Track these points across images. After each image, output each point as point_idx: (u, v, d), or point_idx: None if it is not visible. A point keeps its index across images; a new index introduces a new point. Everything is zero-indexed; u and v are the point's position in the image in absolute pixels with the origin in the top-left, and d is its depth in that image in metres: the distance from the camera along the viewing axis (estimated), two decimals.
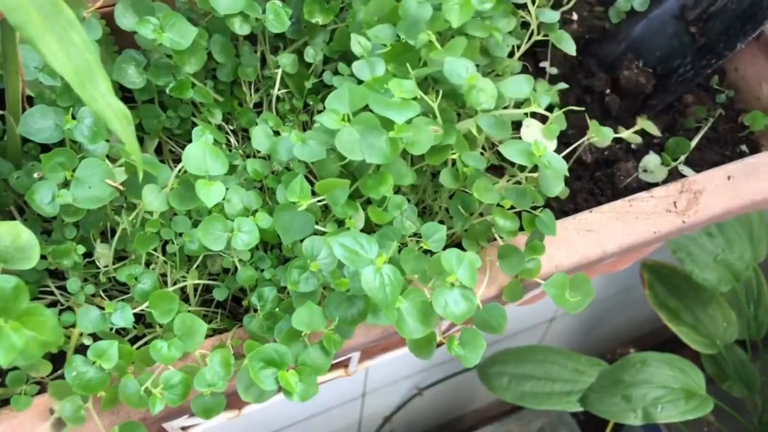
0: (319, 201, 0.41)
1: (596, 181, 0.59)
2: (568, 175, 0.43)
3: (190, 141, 0.51)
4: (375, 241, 0.37)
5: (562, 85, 0.47)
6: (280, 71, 0.51)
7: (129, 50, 0.48)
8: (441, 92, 0.45)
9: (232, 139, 0.52)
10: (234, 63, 0.52)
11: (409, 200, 0.48)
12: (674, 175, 0.59)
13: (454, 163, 0.46)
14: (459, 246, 0.47)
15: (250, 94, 0.53)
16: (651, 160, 0.60)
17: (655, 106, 0.62)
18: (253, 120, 0.52)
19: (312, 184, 0.47)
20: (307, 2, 0.51)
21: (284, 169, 0.47)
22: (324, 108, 0.46)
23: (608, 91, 0.62)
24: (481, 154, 0.48)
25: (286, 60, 0.51)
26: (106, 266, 0.45)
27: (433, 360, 0.45)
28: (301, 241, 0.40)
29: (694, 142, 0.59)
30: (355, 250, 0.36)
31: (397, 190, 0.47)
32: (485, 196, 0.43)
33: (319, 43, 0.52)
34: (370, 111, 0.41)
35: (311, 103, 0.53)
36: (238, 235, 0.40)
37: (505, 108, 0.46)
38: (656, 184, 0.58)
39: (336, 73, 0.51)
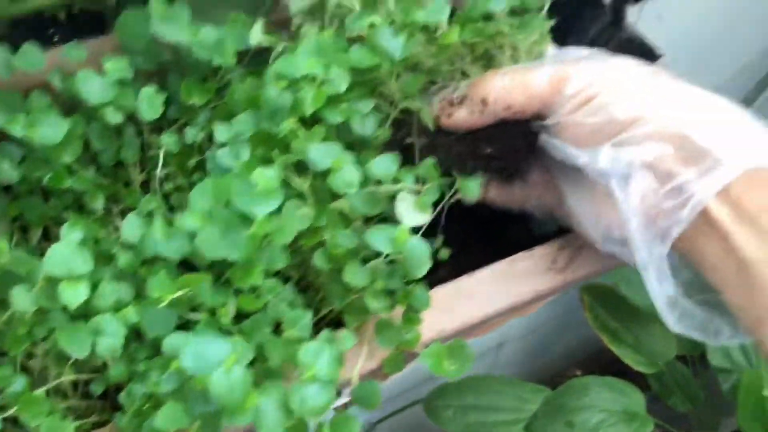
0: (186, 293, 0.42)
1: (489, 228, 0.60)
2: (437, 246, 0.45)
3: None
4: (229, 340, 0.37)
5: (429, 161, 0.48)
6: (162, 151, 0.52)
7: (4, 143, 0.48)
8: (313, 174, 0.46)
9: (119, 222, 0.52)
10: (116, 145, 0.52)
11: (290, 278, 0.49)
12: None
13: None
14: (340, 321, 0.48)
15: (136, 174, 0.54)
16: None
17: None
18: (138, 201, 0.52)
19: (189, 269, 0.48)
20: (184, 85, 0.52)
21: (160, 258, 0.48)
22: None
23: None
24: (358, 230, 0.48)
25: (167, 140, 0.52)
26: None
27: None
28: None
29: None
30: (204, 354, 0.36)
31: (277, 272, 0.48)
32: (355, 279, 0.44)
33: (200, 122, 0.53)
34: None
35: (196, 179, 0.54)
36: (102, 339, 0.41)
37: (377, 184, 0.47)
38: (547, 236, 0.60)
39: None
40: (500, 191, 0.55)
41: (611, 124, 0.44)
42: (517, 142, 0.51)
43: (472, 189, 0.48)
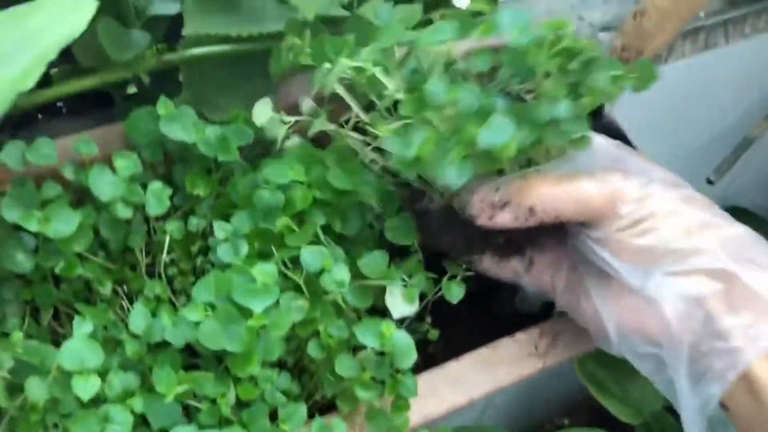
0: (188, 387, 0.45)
1: (476, 308, 0.63)
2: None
3: (86, 303, 0.54)
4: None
5: (418, 257, 0.52)
6: (167, 237, 0.55)
7: (19, 233, 0.51)
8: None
9: (126, 303, 0.56)
10: (123, 233, 0.55)
11: (285, 363, 0.52)
12: (549, 304, 0.63)
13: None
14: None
15: (142, 259, 0.57)
16: (525, 292, 0.64)
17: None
18: (143, 285, 0.55)
19: (193, 352, 0.51)
20: (189, 176, 0.55)
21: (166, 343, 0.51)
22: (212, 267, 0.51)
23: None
24: (353, 320, 0.52)
25: (172, 227, 0.55)
26: None
27: None
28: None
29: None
30: None
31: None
32: (345, 370, 0.47)
33: (203, 211, 0.56)
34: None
35: (199, 263, 0.57)
36: (111, 427, 0.44)
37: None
38: (533, 315, 0.63)
39: None
40: (495, 265, 0.55)
41: (661, 250, 0.46)
42: (540, 237, 0.52)
43: (455, 293, 0.52)
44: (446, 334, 0.61)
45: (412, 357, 0.47)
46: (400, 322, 0.51)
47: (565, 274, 0.53)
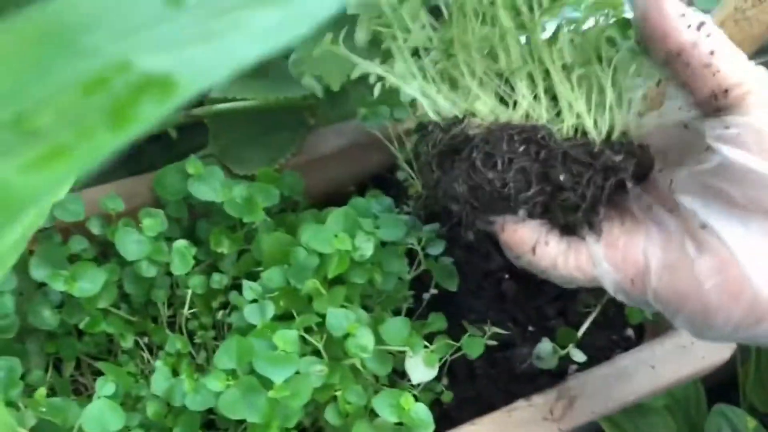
0: None
1: (495, 364, 0.64)
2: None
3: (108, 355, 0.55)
4: None
5: (441, 324, 0.52)
6: (189, 292, 0.56)
7: (46, 289, 0.52)
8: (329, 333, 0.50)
9: (147, 355, 0.56)
10: (147, 287, 0.56)
11: (302, 425, 0.53)
12: (566, 360, 0.64)
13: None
14: None
15: (164, 312, 0.58)
16: (544, 348, 0.64)
17: (549, 291, 0.67)
18: (165, 338, 0.56)
19: (213, 412, 0.51)
20: (213, 233, 0.56)
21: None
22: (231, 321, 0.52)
23: (506, 275, 0.68)
24: (371, 383, 0.52)
25: (195, 282, 0.56)
26: None
27: None
28: None
29: (583, 328, 0.64)
30: None
31: None
32: None
33: (226, 266, 0.57)
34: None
35: (220, 317, 0.58)
36: None
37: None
38: (549, 371, 0.63)
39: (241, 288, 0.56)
40: (563, 252, 0.42)
41: None
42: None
43: (476, 348, 0.52)
44: (462, 390, 0.61)
45: (429, 430, 0.47)
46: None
47: (656, 237, 0.40)
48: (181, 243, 0.53)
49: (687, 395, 1.27)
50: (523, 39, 0.43)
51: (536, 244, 0.42)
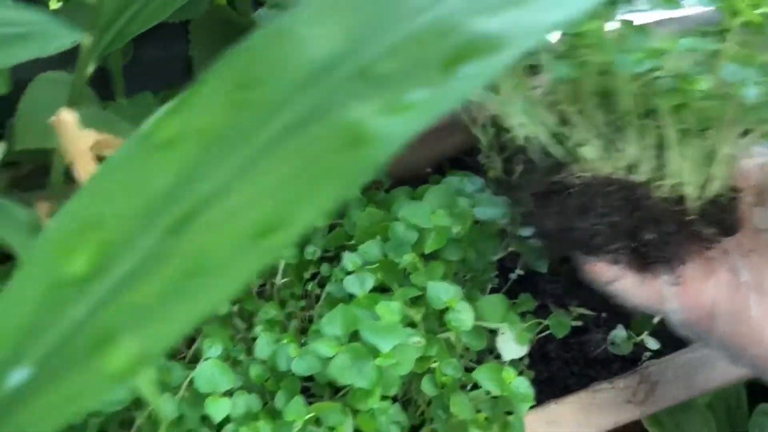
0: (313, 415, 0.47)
1: (569, 348, 0.65)
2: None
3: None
4: None
5: (532, 303, 0.53)
6: (282, 262, 0.57)
7: None
8: (425, 305, 0.52)
9: (239, 322, 0.58)
10: None
11: (396, 398, 0.54)
12: (640, 347, 0.64)
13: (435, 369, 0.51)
14: None
15: (256, 280, 0.59)
16: (618, 334, 0.65)
17: None
18: (257, 306, 0.57)
19: (309, 379, 0.53)
20: None
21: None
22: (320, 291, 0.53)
23: None
24: (461, 356, 0.53)
25: (287, 253, 0.57)
26: None
27: None
28: None
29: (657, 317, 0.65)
30: None
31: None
32: (461, 411, 0.49)
33: (318, 239, 0.58)
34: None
35: (310, 288, 0.59)
36: None
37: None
38: (623, 357, 0.64)
39: (333, 260, 0.58)
40: (637, 285, 0.46)
41: None
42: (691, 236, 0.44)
43: (561, 328, 0.53)
44: (536, 372, 0.62)
45: (529, 403, 0.48)
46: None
47: (725, 284, 0.42)
48: None
49: (727, 394, 1.27)
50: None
51: (613, 277, 0.46)
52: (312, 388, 0.53)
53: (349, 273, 0.52)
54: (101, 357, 0.14)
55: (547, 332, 0.58)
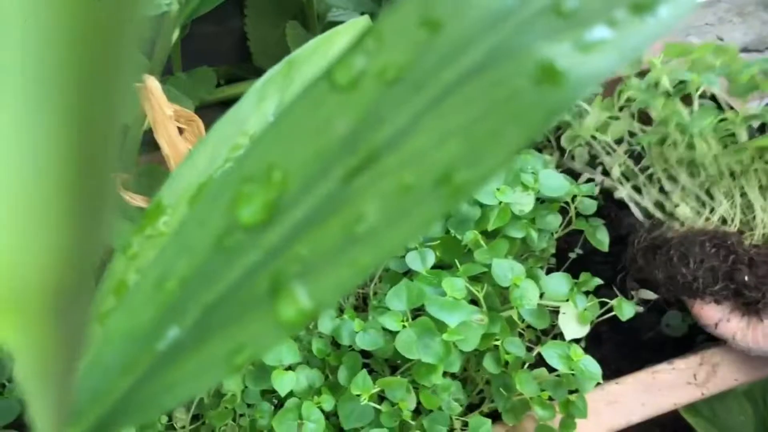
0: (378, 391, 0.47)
1: (619, 329, 0.64)
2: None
3: None
4: None
5: (597, 281, 0.53)
6: None
7: None
8: (486, 283, 0.51)
9: None
10: None
11: (455, 375, 0.54)
12: (693, 330, 0.64)
13: (497, 347, 0.51)
14: (497, 415, 0.52)
15: None
16: (672, 316, 0.65)
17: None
18: None
19: (367, 355, 0.52)
20: None
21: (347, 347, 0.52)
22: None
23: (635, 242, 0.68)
24: (520, 335, 0.53)
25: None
26: (183, 427, 0.51)
27: None
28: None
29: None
30: None
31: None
32: (526, 388, 0.48)
33: None
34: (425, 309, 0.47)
35: None
36: (306, 424, 0.46)
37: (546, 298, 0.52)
38: (676, 338, 0.64)
39: None
40: (724, 317, 0.53)
41: None
42: None
43: (626, 311, 0.53)
44: (588, 353, 0.62)
45: (596, 381, 0.48)
46: None
47: None
48: None
49: (764, 381, 1.26)
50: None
51: (719, 320, 0.53)
52: (371, 365, 0.53)
53: (410, 249, 0.52)
54: (274, 305, 0.14)
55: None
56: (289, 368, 0.49)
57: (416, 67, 0.14)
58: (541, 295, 0.50)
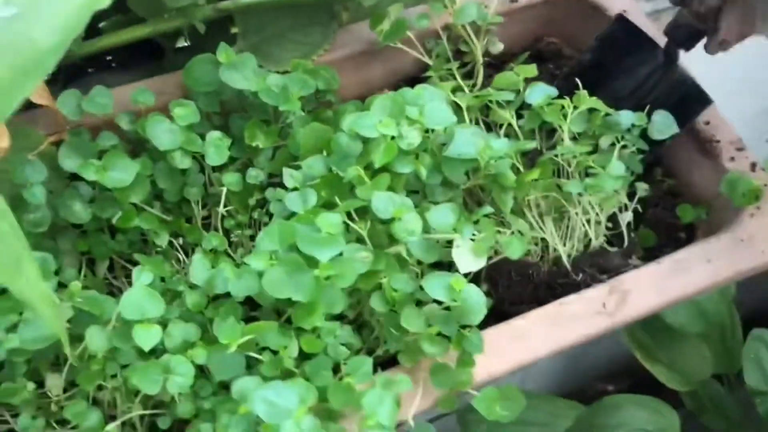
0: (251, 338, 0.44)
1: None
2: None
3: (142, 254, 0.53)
4: (297, 390, 0.39)
5: (488, 209, 0.50)
6: (224, 190, 0.54)
7: (76, 183, 0.50)
8: (372, 219, 0.48)
9: (182, 256, 0.55)
10: (180, 184, 0.54)
11: (347, 316, 0.51)
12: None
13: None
14: (396, 360, 0.49)
15: (198, 211, 0.56)
16: None
17: None
18: (200, 238, 0.54)
19: (252, 306, 0.49)
20: (248, 126, 0.53)
21: (225, 295, 0.49)
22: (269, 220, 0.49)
23: None
24: (417, 275, 0.50)
25: (230, 179, 0.54)
26: (57, 395, 0.48)
27: None
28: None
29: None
30: (275, 402, 0.38)
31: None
32: (412, 324, 0.46)
33: (261, 163, 0.55)
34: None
35: (256, 216, 0.56)
36: (173, 378, 0.43)
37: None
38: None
39: (280, 185, 0.54)
40: None
41: None
42: None
43: (516, 248, 0.50)
44: (502, 293, 0.59)
45: (481, 313, 0.45)
46: None
47: None
48: (215, 134, 0.51)
49: (722, 321, 1.24)
50: None
51: None
52: (260, 317, 0.50)
53: (292, 191, 0.49)
54: None
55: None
56: (162, 324, 0.46)
57: None
58: (431, 230, 0.48)
